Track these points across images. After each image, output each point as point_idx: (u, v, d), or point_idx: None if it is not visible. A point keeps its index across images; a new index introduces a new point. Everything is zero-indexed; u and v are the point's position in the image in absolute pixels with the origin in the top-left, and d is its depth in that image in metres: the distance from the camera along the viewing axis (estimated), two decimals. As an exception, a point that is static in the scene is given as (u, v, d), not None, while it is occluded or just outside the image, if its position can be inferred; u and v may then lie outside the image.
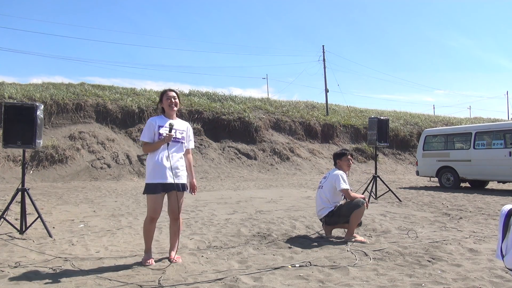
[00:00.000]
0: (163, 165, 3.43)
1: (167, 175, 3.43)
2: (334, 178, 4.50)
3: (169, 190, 3.49)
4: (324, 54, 27.92)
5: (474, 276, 3.04)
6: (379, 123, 8.49)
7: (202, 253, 3.85)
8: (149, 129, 3.49)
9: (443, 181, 11.61)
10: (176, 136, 3.53)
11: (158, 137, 3.45)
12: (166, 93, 3.64)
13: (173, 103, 3.59)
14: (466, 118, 33.85)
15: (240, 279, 2.99)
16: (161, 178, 3.42)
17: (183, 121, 3.76)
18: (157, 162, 3.44)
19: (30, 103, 4.79)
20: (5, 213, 4.78)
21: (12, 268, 3.32)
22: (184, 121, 3.78)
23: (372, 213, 6.31)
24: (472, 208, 7.06)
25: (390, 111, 29.54)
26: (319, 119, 22.77)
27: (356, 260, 3.48)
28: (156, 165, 3.43)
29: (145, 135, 3.49)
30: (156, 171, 3.42)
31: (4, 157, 14.02)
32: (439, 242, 4.19)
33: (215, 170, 16.63)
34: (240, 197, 8.83)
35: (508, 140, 10.35)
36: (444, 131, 12.86)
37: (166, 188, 3.46)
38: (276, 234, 4.72)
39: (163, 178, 3.42)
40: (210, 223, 5.56)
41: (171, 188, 3.47)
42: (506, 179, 10.42)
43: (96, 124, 17.37)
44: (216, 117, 19.71)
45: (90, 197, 9.02)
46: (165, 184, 3.44)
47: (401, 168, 20.65)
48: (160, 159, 3.44)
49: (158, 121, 3.55)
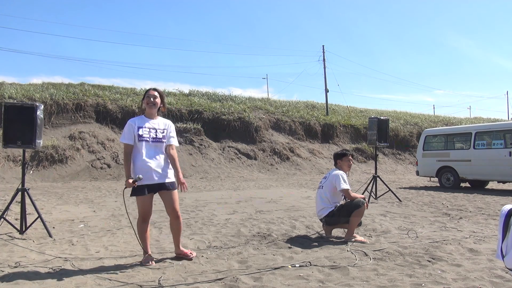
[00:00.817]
0: (147, 166, 3.40)
1: (152, 175, 3.40)
2: (334, 178, 4.50)
3: (156, 191, 3.48)
4: (324, 54, 27.95)
5: (474, 276, 3.04)
6: (379, 123, 8.48)
7: (202, 253, 3.85)
8: (129, 130, 3.45)
9: (443, 181, 11.61)
10: (157, 135, 3.49)
11: (138, 139, 3.42)
12: (147, 92, 3.58)
13: (151, 102, 3.50)
14: (466, 118, 33.88)
15: (240, 279, 2.99)
16: (146, 179, 3.37)
17: (165, 119, 3.68)
18: (141, 164, 3.40)
19: (30, 103, 4.79)
20: (5, 213, 4.78)
21: (12, 268, 3.32)
22: (167, 119, 3.71)
23: (372, 213, 6.31)
24: (472, 208, 7.06)
25: (390, 111, 29.55)
26: (319, 119, 22.77)
27: (356, 260, 3.48)
28: (139, 166, 3.40)
29: (124, 137, 3.46)
30: (141, 173, 3.37)
31: (4, 157, 14.02)
32: (439, 242, 4.19)
33: (215, 170, 16.63)
34: (240, 197, 8.83)
35: (508, 140, 10.36)
36: (444, 131, 12.86)
37: (152, 189, 3.44)
38: (276, 234, 4.72)
39: (148, 180, 3.38)
40: (210, 223, 5.56)
41: (158, 188, 3.46)
42: (506, 179, 10.42)
43: (96, 124, 17.37)
44: (216, 117, 19.71)
45: (90, 197, 9.02)
46: (150, 185, 3.41)
47: (401, 168, 20.65)
48: (143, 160, 3.41)
49: (138, 121, 3.50)
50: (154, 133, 3.47)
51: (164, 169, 3.49)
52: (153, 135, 3.47)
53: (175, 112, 19.23)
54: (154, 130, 3.49)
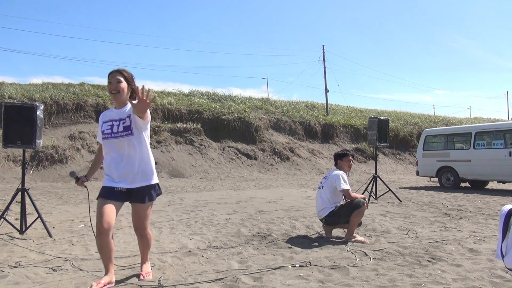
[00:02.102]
0: (112, 170, 2.84)
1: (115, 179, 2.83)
2: (335, 178, 4.50)
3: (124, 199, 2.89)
4: (324, 54, 27.96)
5: (474, 276, 3.04)
6: (379, 123, 8.48)
7: (202, 253, 3.85)
8: (99, 127, 2.95)
9: (443, 181, 11.61)
10: (118, 130, 2.79)
11: (101, 136, 2.90)
12: (108, 77, 2.85)
13: (114, 90, 2.79)
14: (466, 118, 33.90)
15: (240, 279, 2.99)
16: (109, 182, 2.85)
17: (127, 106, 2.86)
18: (106, 167, 2.89)
19: (30, 103, 4.79)
20: (5, 213, 4.78)
21: (12, 268, 3.32)
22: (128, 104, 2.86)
23: (372, 213, 6.31)
24: (472, 208, 7.06)
25: (390, 111, 29.55)
26: (319, 119, 22.78)
27: (356, 260, 3.48)
28: (105, 170, 2.90)
29: (98, 135, 3.00)
30: (106, 177, 2.87)
31: (4, 157, 14.02)
32: (439, 242, 4.19)
33: (215, 170, 16.63)
34: (240, 197, 8.83)
35: (508, 140, 10.36)
36: (444, 131, 12.86)
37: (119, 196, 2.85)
38: (276, 234, 4.72)
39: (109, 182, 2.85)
40: (210, 223, 5.56)
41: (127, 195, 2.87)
42: (506, 179, 10.42)
43: (96, 124, 17.31)
44: (216, 117, 19.71)
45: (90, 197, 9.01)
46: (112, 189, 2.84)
47: (401, 168, 20.65)
48: (108, 163, 2.87)
49: (103, 116, 2.96)
50: (116, 127, 2.80)
51: (130, 173, 2.81)
52: (115, 130, 2.80)
53: (175, 112, 19.24)
54: (117, 123, 2.81)
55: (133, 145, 2.81)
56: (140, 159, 2.84)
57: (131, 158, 2.81)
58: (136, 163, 2.82)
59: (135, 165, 2.82)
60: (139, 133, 2.82)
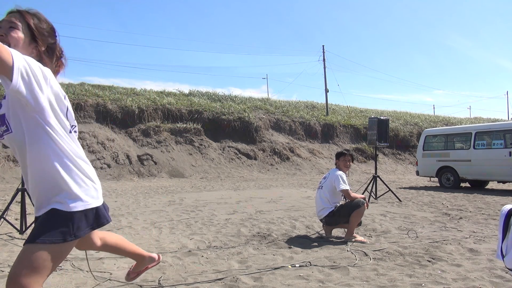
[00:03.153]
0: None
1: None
2: (334, 179, 4.50)
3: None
4: (324, 54, 27.97)
5: (474, 276, 3.04)
6: (379, 123, 8.49)
7: (202, 253, 3.85)
8: None
9: (443, 181, 11.62)
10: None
11: None
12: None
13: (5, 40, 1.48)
14: (466, 118, 33.90)
15: (240, 279, 2.99)
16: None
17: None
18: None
19: (30, 103, 4.77)
20: (5, 213, 4.78)
21: (12, 268, 3.31)
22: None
23: (372, 213, 6.31)
24: (472, 208, 7.06)
25: (390, 111, 29.58)
26: (319, 119, 22.78)
27: (356, 260, 3.48)
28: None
29: None
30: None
31: (4, 157, 14.02)
32: (439, 242, 4.19)
33: (215, 170, 16.63)
34: (240, 197, 8.83)
35: (508, 140, 10.36)
36: (444, 131, 12.86)
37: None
38: (276, 234, 4.72)
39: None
40: (210, 223, 5.56)
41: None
42: (506, 179, 10.42)
43: (96, 124, 17.36)
44: (216, 117, 19.71)
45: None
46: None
47: (401, 168, 20.65)
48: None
49: None
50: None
51: (33, 193, 1.56)
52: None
53: (175, 112, 19.24)
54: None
55: (23, 150, 1.50)
56: (40, 170, 1.49)
57: (30, 171, 1.52)
58: (36, 178, 1.52)
59: (34, 181, 1.53)
60: (26, 124, 1.46)
